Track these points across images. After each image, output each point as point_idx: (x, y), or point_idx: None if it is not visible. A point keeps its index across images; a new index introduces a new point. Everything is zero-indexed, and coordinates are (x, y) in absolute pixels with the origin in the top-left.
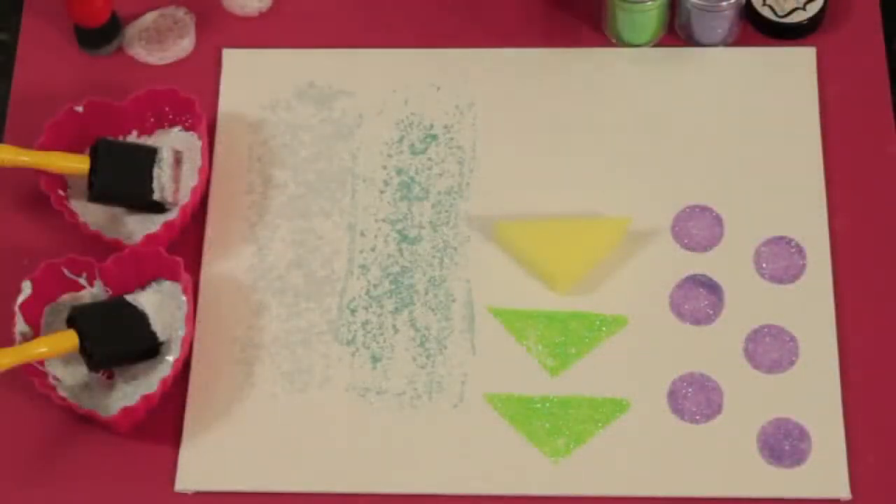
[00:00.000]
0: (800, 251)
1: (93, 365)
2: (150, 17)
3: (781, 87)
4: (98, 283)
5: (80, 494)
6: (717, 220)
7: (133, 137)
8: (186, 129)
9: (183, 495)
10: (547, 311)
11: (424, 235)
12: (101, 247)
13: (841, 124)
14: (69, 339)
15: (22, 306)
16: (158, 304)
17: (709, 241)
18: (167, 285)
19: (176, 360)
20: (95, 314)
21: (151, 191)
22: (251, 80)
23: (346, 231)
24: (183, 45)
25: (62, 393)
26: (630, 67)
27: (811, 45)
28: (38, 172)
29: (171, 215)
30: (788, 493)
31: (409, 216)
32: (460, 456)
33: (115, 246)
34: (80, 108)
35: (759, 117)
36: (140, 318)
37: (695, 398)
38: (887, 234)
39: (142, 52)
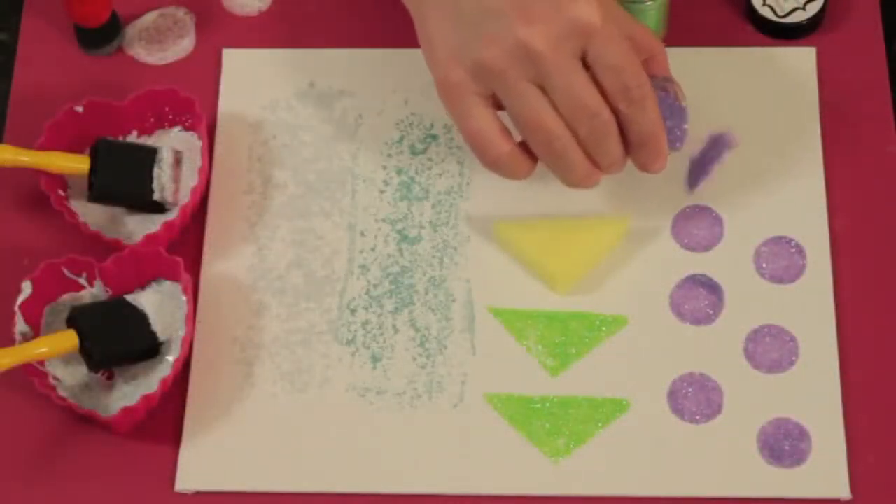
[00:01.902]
0: (800, 251)
1: (93, 365)
2: (150, 17)
3: (781, 87)
4: (98, 283)
5: (80, 494)
6: (717, 220)
7: (133, 137)
8: (186, 129)
9: (183, 495)
10: (547, 311)
11: (424, 235)
12: (101, 247)
13: (841, 124)
14: (69, 339)
15: (22, 306)
16: (158, 304)
17: (709, 241)
18: (167, 285)
19: (176, 360)
20: (95, 314)
21: (151, 191)
22: (251, 80)
23: (346, 231)
24: (183, 45)
25: (62, 393)
26: None
27: (811, 45)
28: (38, 172)
29: (171, 215)
30: (788, 493)
31: (409, 216)
32: (460, 456)
33: (115, 246)
34: (80, 108)
35: (758, 117)
36: (140, 318)
37: (695, 398)
38: (887, 234)
39: (142, 52)
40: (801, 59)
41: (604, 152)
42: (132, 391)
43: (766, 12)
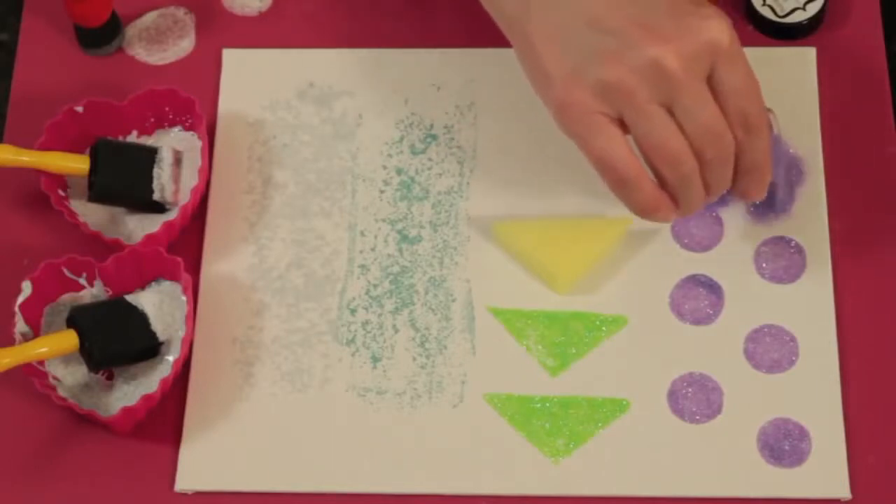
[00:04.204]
0: (800, 251)
1: (93, 365)
2: (150, 17)
3: (781, 87)
4: (98, 283)
5: (80, 494)
6: (717, 220)
7: (133, 137)
8: (186, 129)
9: (183, 495)
10: (547, 311)
11: (424, 235)
12: (101, 247)
13: (841, 124)
14: (69, 339)
15: (22, 306)
16: (158, 304)
17: (709, 241)
18: (167, 285)
19: (176, 360)
20: (95, 314)
21: (151, 191)
22: (251, 80)
23: (346, 231)
24: (183, 45)
25: (62, 393)
26: None
27: (811, 45)
28: (38, 172)
29: (171, 215)
30: (788, 493)
31: (409, 216)
32: (460, 456)
33: (115, 246)
34: (80, 108)
35: None
36: (140, 318)
37: (695, 398)
38: (887, 234)
39: (142, 52)
40: (801, 59)
41: (720, 177)
42: (132, 391)
43: (766, 12)
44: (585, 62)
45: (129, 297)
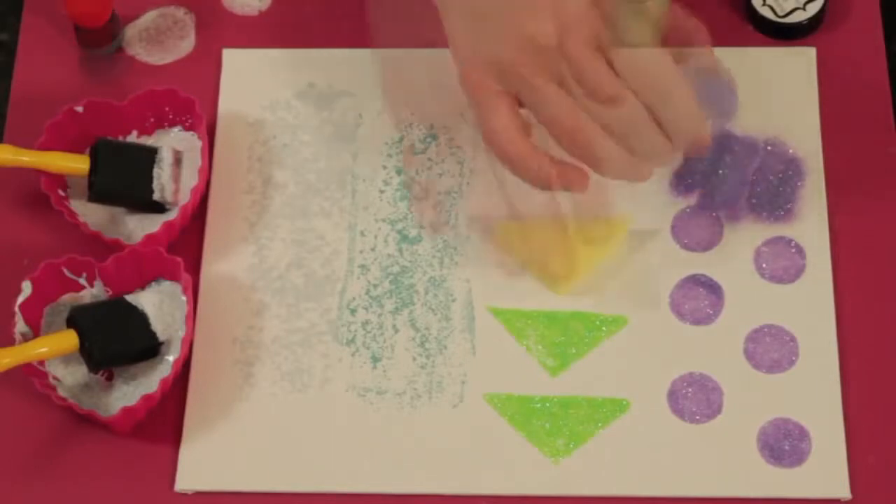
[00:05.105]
0: (800, 251)
1: (93, 365)
2: (150, 17)
3: (781, 88)
4: (98, 283)
5: (80, 494)
6: (717, 220)
7: (133, 137)
8: (186, 129)
9: (183, 495)
10: (547, 311)
11: (424, 235)
12: (101, 247)
13: (841, 124)
14: (69, 339)
15: (22, 306)
16: (158, 304)
17: (709, 241)
18: (167, 285)
19: (176, 360)
20: (95, 314)
21: (151, 191)
22: (251, 80)
23: (346, 231)
24: (183, 45)
25: (62, 393)
26: None
27: (811, 45)
28: (38, 172)
29: (171, 215)
30: (788, 494)
31: (409, 216)
32: (460, 456)
33: (115, 246)
34: (80, 108)
35: (758, 117)
36: (140, 318)
37: (695, 398)
38: (887, 234)
39: (142, 52)
40: (801, 59)
41: (638, 141)
42: (132, 391)
43: (766, 12)
44: (483, 40)
45: (129, 297)
